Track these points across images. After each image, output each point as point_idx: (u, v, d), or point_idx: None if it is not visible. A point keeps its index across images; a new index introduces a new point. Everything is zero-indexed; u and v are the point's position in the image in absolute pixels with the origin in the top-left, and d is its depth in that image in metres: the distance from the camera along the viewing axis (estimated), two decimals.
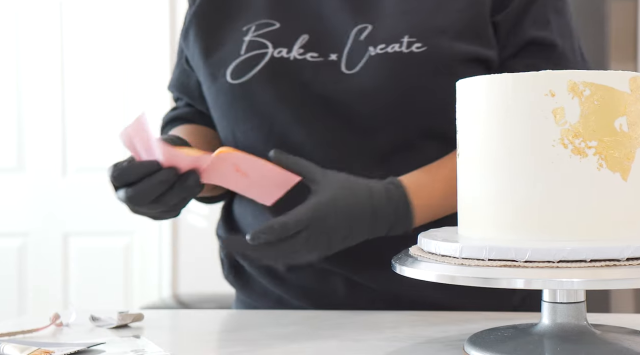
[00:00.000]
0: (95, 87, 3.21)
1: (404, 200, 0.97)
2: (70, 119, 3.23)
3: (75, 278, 3.24)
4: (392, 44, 1.01)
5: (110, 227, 3.22)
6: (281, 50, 1.05)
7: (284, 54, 1.05)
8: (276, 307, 1.11)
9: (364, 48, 1.02)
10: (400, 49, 1.01)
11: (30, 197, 3.26)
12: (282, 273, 1.09)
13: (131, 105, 3.20)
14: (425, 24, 1.02)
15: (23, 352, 0.77)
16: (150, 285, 3.19)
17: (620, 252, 0.66)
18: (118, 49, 3.21)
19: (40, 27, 3.24)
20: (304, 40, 1.05)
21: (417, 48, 1.01)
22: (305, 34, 1.05)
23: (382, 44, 1.02)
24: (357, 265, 1.05)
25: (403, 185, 0.98)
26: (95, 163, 3.22)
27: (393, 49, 1.01)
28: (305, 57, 1.04)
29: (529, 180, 0.71)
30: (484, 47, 1.03)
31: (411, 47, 1.01)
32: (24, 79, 3.26)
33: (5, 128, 3.26)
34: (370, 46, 1.02)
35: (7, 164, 3.27)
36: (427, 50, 1.01)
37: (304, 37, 1.05)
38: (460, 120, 0.78)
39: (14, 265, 3.27)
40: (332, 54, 1.04)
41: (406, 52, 1.01)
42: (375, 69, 1.01)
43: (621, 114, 0.71)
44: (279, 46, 1.05)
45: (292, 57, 1.04)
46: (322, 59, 1.04)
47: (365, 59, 1.02)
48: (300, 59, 1.04)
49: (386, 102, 1.02)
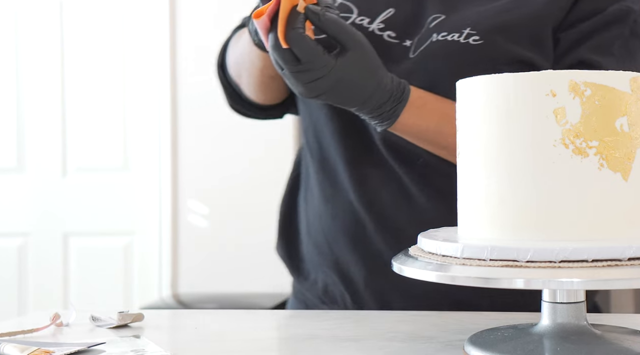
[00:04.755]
0: (95, 87, 3.21)
1: (405, 85, 0.99)
2: (70, 119, 3.23)
3: (75, 278, 3.24)
4: (453, 33, 1.04)
5: (110, 227, 3.22)
6: (363, 19, 1.08)
7: (365, 24, 1.08)
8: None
9: (430, 34, 1.06)
10: (458, 39, 1.04)
11: (30, 197, 3.26)
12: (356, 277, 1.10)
13: (131, 105, 3.20)
14: (489, 20, 1.05)
15: (23, 352, 0.77)
16: (150, 285, 3.18)
17: (622, 252, 0.66)
18: (118, 49, 3.21)
19: (40, 27, 3.24)
20: (388, 14, 1.08)
21: (474, 40, 1.03)
22: (392, 7, 1.08)
23: (445, 32, 1.05)
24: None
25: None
26: (95, 163, 3.22)
27: (452, 38, 1.04)
28: (383, 34, 1.07)
29: (530, 180, 0.71)
30: (539, 55, 1.05)
31: (469, 39, 1.03)
32: (24, 79, 3.26)
33: (5, 128, 3.26)
34: (435, 33, 1.05)
35: (7, 164, 3.27)
36: (482, 44, 1.03)
37: (389, 11, 1.08)
38: (460, 120, 0.78)
39: (14, 265, 3.27)
40: (408, 41, 1.07)
41: (463, 42, 1.03)
42: (431, 54, 1.05)
43: (622, 114, 0.71)
44: (362, 14, 1.09)
45: (371, 28, 1.08)
46: (397, 42, 1.07)
47: (427, 44, 1.05)
48: (379, 34, 1.07)
49: (432, 86, 1.04)
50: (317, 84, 0.91)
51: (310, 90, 0.93)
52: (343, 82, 0.92)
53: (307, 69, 0.90)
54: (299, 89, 0.93)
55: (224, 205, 3.06)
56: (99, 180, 3.22)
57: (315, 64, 0.90)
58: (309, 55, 0.89)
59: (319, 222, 1.13)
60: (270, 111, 1.23)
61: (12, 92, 3.26)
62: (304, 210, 1.17)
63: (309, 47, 0.89)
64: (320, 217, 1.13)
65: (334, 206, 1.11)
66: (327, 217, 1.12)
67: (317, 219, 1.13)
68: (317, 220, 1.13)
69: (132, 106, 3.20)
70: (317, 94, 0.93)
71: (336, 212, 1.11)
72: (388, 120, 0.98)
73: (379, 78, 0.95)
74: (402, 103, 0.98)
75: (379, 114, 0.97)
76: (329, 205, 1.11)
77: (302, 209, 1.17)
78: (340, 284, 1.11)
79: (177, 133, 3.13)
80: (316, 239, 1.13)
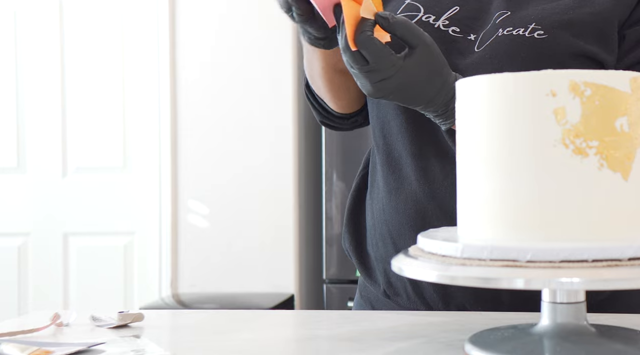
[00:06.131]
0: (95, 87, 3.21)
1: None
2: (70, 119, 3.23)
3: (75, 278, 3.24)
4: (519, 28, 1.07)
5: (110, 227, 3.22)
6: (429, 17, 1.11)
7: (431, 21, 1.11)
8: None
9: (496, 30, 1.08)
10: (523, 33, 1.06)
11: (30, 197, 3.26)
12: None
13: (131, 105, 3.20)
14: (554, 16, 1.07)
15: (23, 352, 0.77)
16: (150, 285, 3.18)
17: (622, 252, 0.66)
18: (118, 49, 3.21)
19: (40, 27, 3.24)
20: (453, 12, 1.11)
21: (539, 35, 1.05)
22: (457, 5, 1.12)
23: (511, 27, 1.07)
24: None
25: None
26: (95, 163, 3.23)
27: (517, 33, 1.06)
28: (448, 29, 1.10)
29: (530, 180, 0.71)
30: (604, 50, 1.07)
31: (533, 33, 1.06)
32: (24, 79, 3.26)
33: (5, 128, 3.26)
34: (500, 28, 1.08)
35: (7, 164, 3.27)
36: (547, 38, 1.05)
37: (454, 9, 1.11)
38: (461, 120, 0.78)
39: (14, 265, 3.28)
40: (472, 34, 1.10)
41: (528, 36, 1.06)
42: (497, 48, 1.07)
43: (622, 114, 0.71)
44: (428, 12, 1.12)
45: (437, 25, 1.11)
46: (461, 36, 1.10)
47: (493, 38, 1.08)
48: (444, 30, 1.10)
49: None
50: (385, 84, 0.95)
51: (378, 90, 0.96)
52: (410, 82, 0.96)
53: (375, 69, 0.94)
54: (368, 88, 0.97)
55: (224, 205, 3.06)
56: (99, 180, 3.23)
57: (382, 64, 0.94)
58: (376, 57, 0.93)
59: (382, 215, 1.15)
60: (355, 118, 1.29)
61: (12, 92, 3.26)
62: (369, 206, 1.20)
63: (377, 49, 0.93)
64: (384, 210, 1.15)
65: (398, 198, 1.14)
66: (390, 209, 1.15)
67: (381, 213, 1.16)
68: (381, 214, 1.16)
69: (132, 106, 3.20)
70: (384, 94, 0.97)
71: (399, 204, 1.13)
72: (452, 118, 1.00)
73: (445, 77, 0.98)
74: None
75: (444, 111, 1.00)
76: (392, 197, 1.14)
77: (369, 205, 1.21)
78: (403, 277, 1.12)
79: (177, 133, 3.13)
80: (381, 232, 1.16)
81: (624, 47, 1.08)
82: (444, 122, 1.01)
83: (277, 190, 3.07)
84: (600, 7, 1.07)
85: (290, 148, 3.07)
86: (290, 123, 3.07)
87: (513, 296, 1.05)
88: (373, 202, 1.19)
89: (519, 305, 1.03)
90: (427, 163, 1.11)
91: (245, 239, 3.06)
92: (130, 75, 3.20)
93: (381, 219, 1.16)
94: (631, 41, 1.08)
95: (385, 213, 1.15)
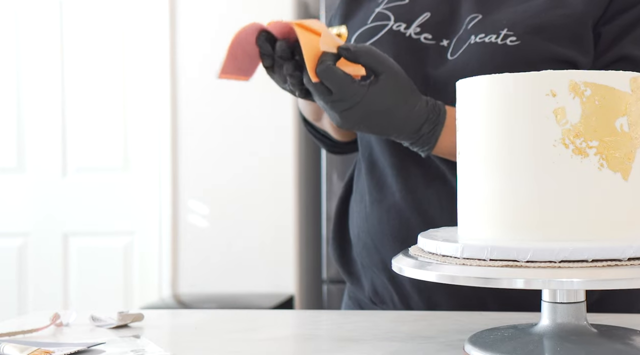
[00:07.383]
0: (95, 87, 3.21)
1: (440, 106, 1.00)
2: (70, 119, 3.23)
3: (75, 278, 3.24)
4: (491, 34, 1.05)
5: (110, 227, 3.22)
6: (400, 25, 1.11)
7: (402, 29, 1.10)
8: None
9: (468, 36, 1.07)
10: (495, 40, 1.04)
11: (30, 197, 3.26)
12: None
13: (131, 105, 3.20)
14: (527, 21, 1.05)
15: (23, 352, 0.77)
16: (150, 285, 3.18)
17: (622, 252, 0.66)
18: (118, 49, 3.21)
19: (40, 27, 3.24)
20: (424, 18, 1.10)
21: (511, 41, 1.04)
22: (428, 12, 1.10)
23: (483, 33, 1.06)
24: None
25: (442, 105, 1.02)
26: (95, 163, 3.23)
27: (490, 40, 1.05)
28: (419, 37, 1.09)
29: (530, 180, 0.71)
30: (578, 52, 1.05)
31: (506, 40, 1.04)
32: (24, 79, 3.26)
33: (5, 128, 3.26)
34: (473, 35, 1.06)
35: (7, 164, 3.27)
36: (520, 44, 1.03)
37: (425, 15, 1.10)
38: (460, 120, 0.78)
39: (14, 265, 3.27)
40: (445, 40, 1.08)
41: (500, 43, 1.04)
42: (470, 56, 1.05)
43: (622, 114, 0.71)
44: (399, 20, 1.11)
45: (408, 33, 1.10)
46: (434, 43, 1.08)
47: (465, 46, 1.06)
48: (415, 38, 1.09)
49: None
50: (351, 112, 0.95)
51: (346, 120, 0.97)
52: (375, 110, 0.96)
53: (338, 98, 0.94)
54: (336, 119, 0.97)
55: (224, 205, 3.06)
56: (99, 180, 3.22)
57: (345, 93, 0.94)
58: (338, 86, 0.93)
59: (366, 224, 1.14)
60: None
61: (12, 92, 3.26)
62: (354, 213, 1.19)
63: (338, 78, 0.93)
64: (367, 219, 1.14)
65: (380, 208, 1.12)
66: (373, 219, 1.13)
67: (364, 221, 1.14)
68: (364, 223, 1.14)
69: (132, 106, 3.20)
70: (352, 124, 0.97)
71: (382, 213, 1.12)
72: (428, 144, 1.00)
73: (413, 102, 0.97)
74: (439, 125, 0.99)
75: (418, 138, 0.99)
76: (375, 207, 1.13)
77: (354, 212, 1.19)
78: (388, 285, 1.12)
79: (177, 133, 3.13)
80: (365, 241, 1.14)
81: (599, 46, 1.06)
82: (421, 150, 1.01)
83: (277, 191, 3.07)
84: (573, 8, 1.04)
85: (290, 148, 3.07)
86: (290, 123, 3.07)
87: (499, 303, 1.05)
88: (358, 210, 1.18)
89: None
90: (408, 173, 1.10)
91: (245, 239, 3.06)
92: (130, 75, 3.20)
93: (365, 228, 1.15)
94: (607, 39, 1.05)
95: (368, 222, 1.14)
